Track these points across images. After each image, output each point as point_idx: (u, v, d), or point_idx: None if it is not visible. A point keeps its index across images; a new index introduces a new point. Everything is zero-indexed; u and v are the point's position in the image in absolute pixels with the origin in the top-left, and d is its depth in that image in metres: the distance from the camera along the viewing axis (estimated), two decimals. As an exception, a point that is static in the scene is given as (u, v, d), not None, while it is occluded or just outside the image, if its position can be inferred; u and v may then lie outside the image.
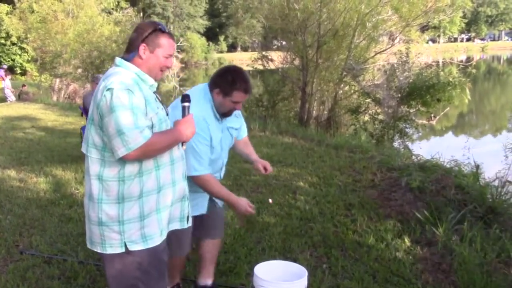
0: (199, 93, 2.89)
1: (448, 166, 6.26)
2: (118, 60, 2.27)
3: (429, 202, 4.96)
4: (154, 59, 2.24)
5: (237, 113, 3.12)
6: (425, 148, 8.53)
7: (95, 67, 16.20)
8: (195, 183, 2.81)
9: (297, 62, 12.15)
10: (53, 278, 3.65)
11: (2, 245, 4.29)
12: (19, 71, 32.36)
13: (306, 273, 2.96)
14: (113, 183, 2.18)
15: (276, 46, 15.37)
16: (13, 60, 32.31)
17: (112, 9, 22.90)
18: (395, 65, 10.06)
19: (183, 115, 2.36)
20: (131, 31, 2.39)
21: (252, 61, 13.94)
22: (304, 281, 2.90)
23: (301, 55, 11.57)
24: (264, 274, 2.95)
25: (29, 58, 29.23)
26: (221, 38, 70.94)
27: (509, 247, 4.06)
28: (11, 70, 28.43)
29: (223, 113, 2.92)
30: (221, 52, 69.15)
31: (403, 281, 3.63)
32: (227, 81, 2.84)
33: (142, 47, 2.22)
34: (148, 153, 2.14)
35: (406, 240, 4.32)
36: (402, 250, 4.17)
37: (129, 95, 2.08)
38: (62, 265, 3.85)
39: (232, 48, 74.38)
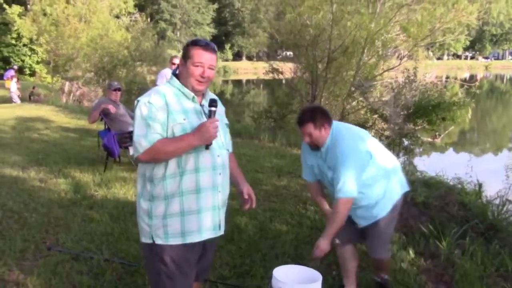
0: None
1: (451, 183, 6.52)
2: (170, 76, 2.57)
3: (433, 217, 5.21)
4: (186, 70, 2.46)
5: (331, 161, 3.29)
6: (428, 165, 8.77)
7: (106, 72, 16.50)
8: None
9: (306, 75, 12.44)
10: (82, 273, 3.88)
11: (31, 241, 4.53)
12: (28, 72, 32.73)
13: (321, 278, 3.23)
14: (147, 183, 2.49)
15: (280, 56, 15.64)
16: (22, 61, 32.71)
17: (122, 14, 23.21)
18: (402, 83, 10.35)
19: (208, 118, 2.48)
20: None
21: (264, 73, 14.24)
22: (318, 285, 3.17)
23: (311, 69, 11.87)
24: (282, 277, 3.22)
25: (39, 60, 29.58)
26: (227, 46, 71.33)
27: (507, 262, 4.30)
28: (20, 70, 28.79)
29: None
30: (226, 60, 69.51)
31: (407, 290, 3.88)
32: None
33: (180, 61, 2.51)
34: (156, 156, 2.37)
35: (410, 252, 4.55)
36: (406, 261, 4.40)
37: (149, 106, 2.38)
38: (89, 261, 4.09)
39: (237, 56, 74.78)
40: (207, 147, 2.41)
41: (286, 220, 5.30)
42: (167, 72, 9.23)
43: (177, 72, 2.55)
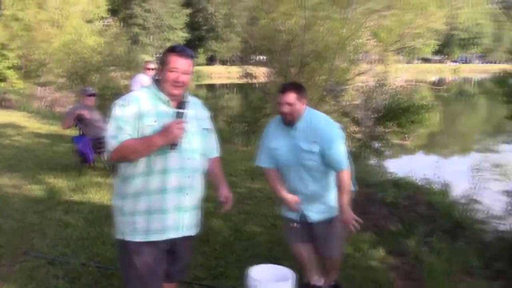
0: None
1: (420, 183, 6.74)
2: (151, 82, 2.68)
3: (402, 217, 5.41)
4: (163, 75, 2.56)
5: (314, 139, 3.35)
6: (398, 167, 9.00)
7: (79, 78, 16.34)
8: None
9: (280, 79, 12.60)
10: (58, 277, 3.92)
11: (6, 246, 4.53)
12: (-2, 78, 32.05)
13: (294, 275, 3.35)
14: (120, 181, 2.63)
15: (254, 61, 15.79)
16: (-8, 66, 32.01)
17: (94, 19, 22.97)
18: (373, 87, 10.60)
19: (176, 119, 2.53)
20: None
21: (238, 78, 14.37)
22: (292, 282, 3.29)
23: (284, 74, 12.03)
24: (257, 275, 3.33)
25: (10, 65, 29.03)
26: (201, 51, 71.18)
27: (472, 259, 4.51)
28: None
29: (283, 120, 3.42)
30: (200, 65, 69.40)
31: (377, 287, 4.03)
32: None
33: (159, 67, 2.61)
34: (124, 155, 2.49)
35: (380, 250, 4.71)
36: (377, 259, 4.56)
37: (121, 109, 2.51)
38: (65, 266, 4.12)
39: (211, 61, 74.66)
40: (173, 147, 2.48)
41: (260, 222, 5.42)
42: (141, 77, 9.23)
43: (157, 77, 2.65)
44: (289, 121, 3.36)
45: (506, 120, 4.89)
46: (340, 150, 3.35)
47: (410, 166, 7.90)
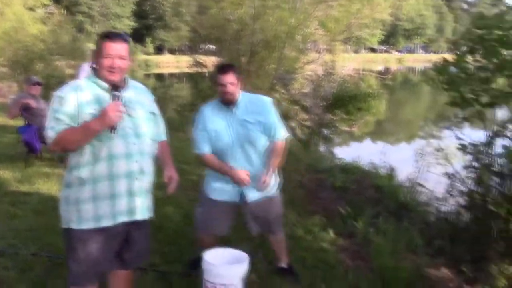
0: None
1: (366, 168, 6.99)
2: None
3: (350, 200, 5.61)
4: (99, 63, 2.55)
5: (257, 109, 3.53)
6: (346, 152, 9.27)
7: (22, 67, 15.78)
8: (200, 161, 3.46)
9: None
10: (8, 269, 3.83)
11: (-50, 240, 4.40)
12: None
13: (248, 258, 3.44)
14: (67, 171, 2.65)
15: (203, 50, 15.74)
16: None
17: (36, 6, 22.16)
18: (321, 76, 10.83)
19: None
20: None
21: (188, 67, 14.31)
22: (245, 265, 3.38)
23: (234, 63, 12.06)
24: (211, 259, 3.40)
25: None
26: (148, 40, 69.98)
27: (416, 238, 4.75)
28: None
29: (224, 101, 3.45)
30: (148, 54, 68.23)
31: (328, 267, 4.17)
32: (214, 72, 3.45)
33: (95, 55, 2.59)
34: (64, 144, 2.48)
35: (330, 232, 4.88)
36: (327, 241, 4.73)
37: (58, 100, 2.50)
38: (14, 257, 4.03)
39: (159, 50, 73.56)
40: (112, 131, 2.46)
41: (213, 208, 5.46)
42: (87, 66, 9.05)
43: (94, 66, 2.64)
44: (230, 101, 3.46)
45: (446, 106, 5.13)
46: (277, 119, 3.57)
47: (358, 152, 8.17)
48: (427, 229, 5.02)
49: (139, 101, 2.69)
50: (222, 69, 3.50)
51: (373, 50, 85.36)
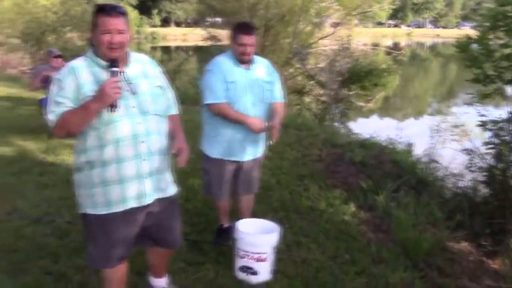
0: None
1: (384, 144, 7.08)
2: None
3: (370, 174, 5.71)
4: (96, 39, 2.39)
5: (268, 71, 3.70)
6: (362, 128, 9.34)
7: (35, 38, 15.80)
8: (212, 112, 3.54)
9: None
10: (47, 235, 4.01)
11: (-13, 208, 4.56)
12: None
13: (278, 228, 3.58)
14: (75, 155, 2.58)
15: (208, 23, 15.65)
16: None
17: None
18: (337, 51, 10.83)
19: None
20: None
21: (202, 40, 14.31)
22: (277, 234, 3.52)
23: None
24: (244, 228, 3.54)
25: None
26: (155, 12, 69.41)
27: (435, 211, 4.88)
28: None
29: (240, 59, 3.52)
30: (154, 26, 67.73)
31: (351, 239, 4.31)
32: (233, 29, 3.58)
33: (91, 31, 2.43)
34: (66, 127, 2.38)
35: (351, 206, 5.02)
36: (348, 214, 4.86)
37: (57, 83, 2.41)
38: (51, 225, 4.21)
39: (165, 22, 73.07)
40: (112, 109, 2.35)
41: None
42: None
43: (92, 42, 2.49)
44: (247, 61, 3.57)
45: (461, 83, 5.21)
46: (280, 86, 3.81)
47: (374, 127, 8.24)
48: (446, 203, 5.14)
49: (145, 75, 2.56)
50: (246, 29, 3.52)
51: (380, 24, 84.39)
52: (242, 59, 3.54)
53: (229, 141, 3.66)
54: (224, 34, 13.65)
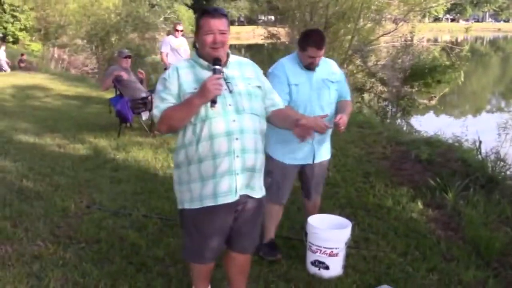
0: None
1: (450, 141, 6.94)
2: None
3: (437, 172, 5.62)
4: (200, 41, 2.55)
5: (331, 70, 3.70)
6: (426, 125, 9.17)
7: (99, 39, 16.46)
8: None
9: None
10: (125, 227, 4.22)
11: (69, 201, 4.81)
12: (11, 40, 32.12)
13: (351, 224, 3.64)
14: (174, 152, 2.71)
15: (261, 21, 15.67)
16: (5, 28, 32.03)
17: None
18: (399, 48, 10.68)
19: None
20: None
21: (262, 39, 14.46)
22: (349, 230, 3.58)
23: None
24: (316, 223, 3.62)
25: (22, 27, 29.05)
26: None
27: (507, 210, 4.75)
28: (2, 39, 28.27)
29: (306, 66, 3.55)
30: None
31: (420, 236, 4.27)
32: (302, 38, 3.55)
33: (195, 33, 2.60)
34: (169, 122, 2.52)
35: (419, 203, 4.96)
36: (416, 211, 4.82)
37: (163, 82, 2.59)
38: (128, 218, 4.43)
39: (219, 21, 73.63)
40: (212, 105, 2.44)
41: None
42: (170, 39, 9.43)
43: (196, 45, 2.65)
44: (313, 67, 3.56)
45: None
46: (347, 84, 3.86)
47: (438, 125, 8.08)
48: (518, 202, 4.99)
49: (243, 75, 2.64)
50: (318, 44, 3.45)
51: (436, 20, 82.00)
52: (309, 68, 3.55)
53: (299, 145, 3.45)
54: (282, 33, 13.75)
